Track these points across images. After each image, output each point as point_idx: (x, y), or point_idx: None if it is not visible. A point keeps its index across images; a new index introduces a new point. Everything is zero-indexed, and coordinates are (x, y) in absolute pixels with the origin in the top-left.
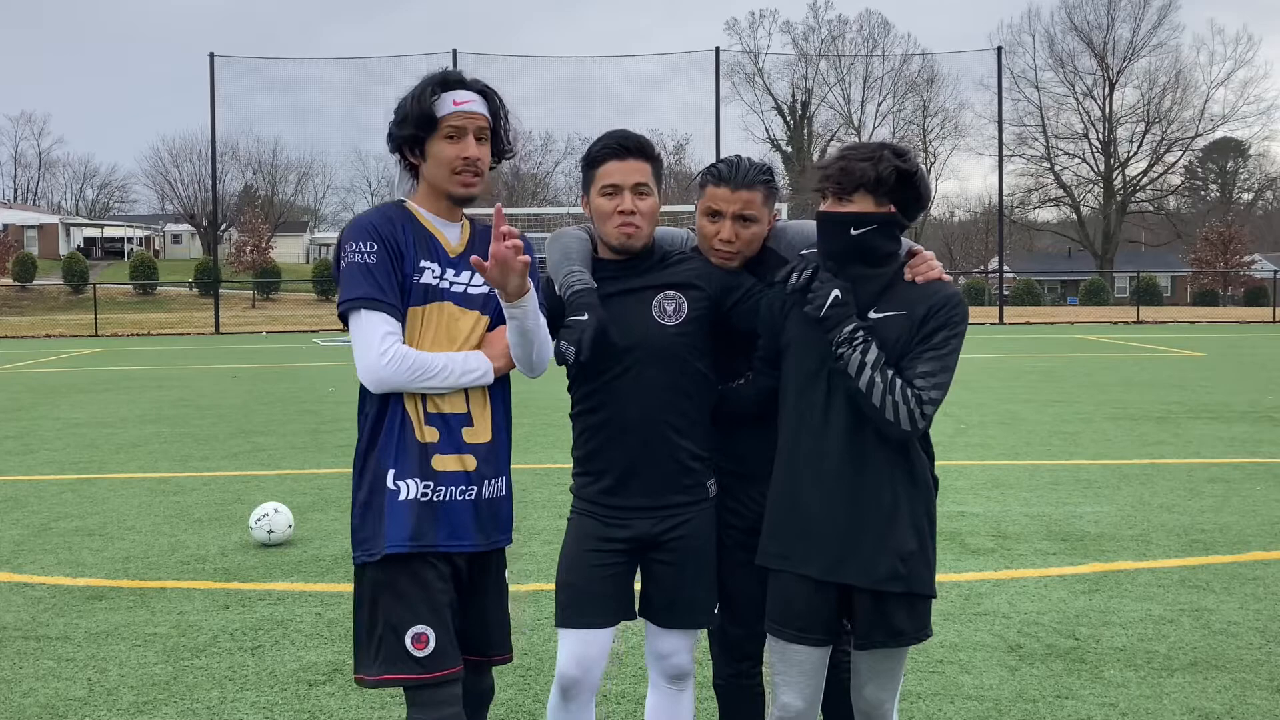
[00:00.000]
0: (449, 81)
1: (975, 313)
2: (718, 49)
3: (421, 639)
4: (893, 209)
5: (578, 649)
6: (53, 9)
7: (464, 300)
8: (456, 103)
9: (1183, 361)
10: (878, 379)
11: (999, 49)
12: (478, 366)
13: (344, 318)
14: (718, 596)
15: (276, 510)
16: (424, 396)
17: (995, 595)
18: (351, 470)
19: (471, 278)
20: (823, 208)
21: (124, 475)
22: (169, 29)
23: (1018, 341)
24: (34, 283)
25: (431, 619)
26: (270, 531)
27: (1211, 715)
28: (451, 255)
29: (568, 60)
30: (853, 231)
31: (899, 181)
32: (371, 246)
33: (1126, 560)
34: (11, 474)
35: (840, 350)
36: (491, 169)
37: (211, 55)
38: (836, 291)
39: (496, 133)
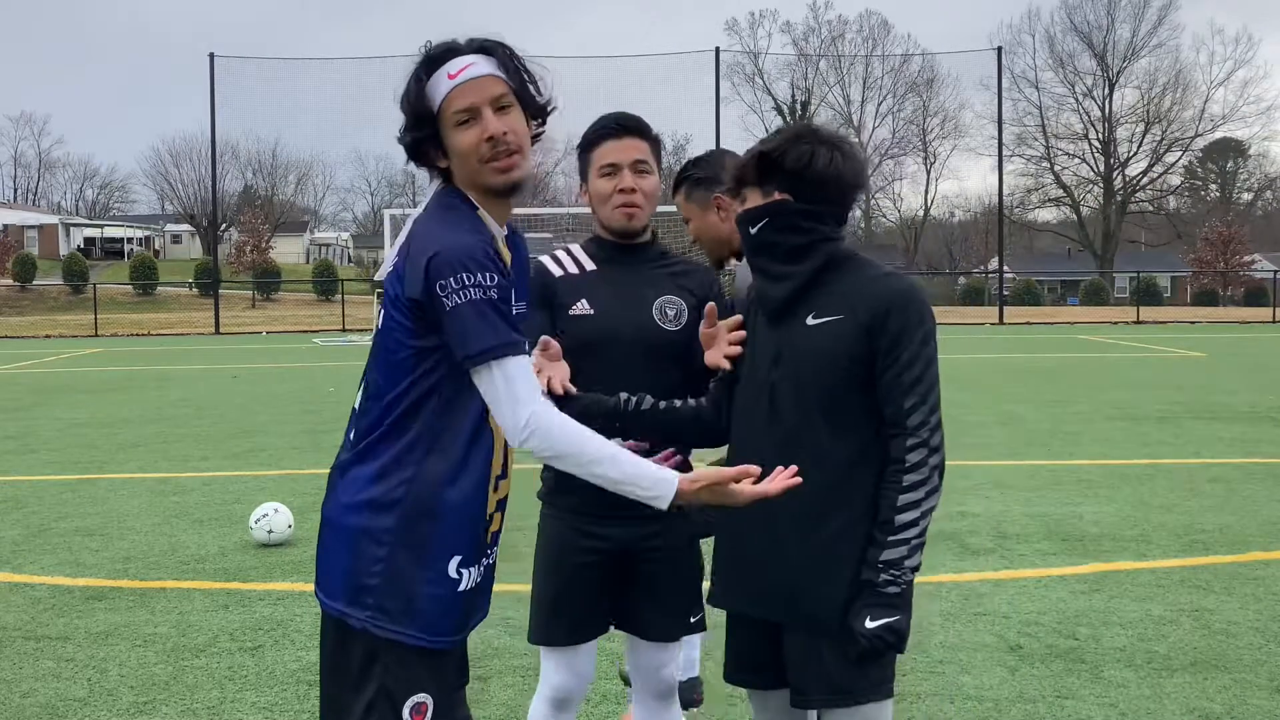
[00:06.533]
0: (434, 58)
1: (975, 313)
2: (717, 49)
3: (421, 709)
4: (779, 196)
5: (570, 662)
6: (53, 9)
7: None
8: (451, 75)
9: (1183, 361)
10: (920, 522)
11: (999, 49)
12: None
13: (473, 368)
14: (701, 605)
15: (276, 510)
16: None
17: (995, 595)
18: (367, 503)
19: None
20: None
21: (124, 475)
22: (169, 29)
23: (1018, 341)
24: (34, 283)
25: (434, 688)
26: (270, 531)
27: (1211, 715)
28: (509, 275)
29: (567, 60)
30: (751, 230)
31: (766, 166)
32: (493, 279)
33: (1126, 560)
34: (11, 474)
35: (900, 584)
36: (536, 138)
37: (211, 55)
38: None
39: (524, 94)
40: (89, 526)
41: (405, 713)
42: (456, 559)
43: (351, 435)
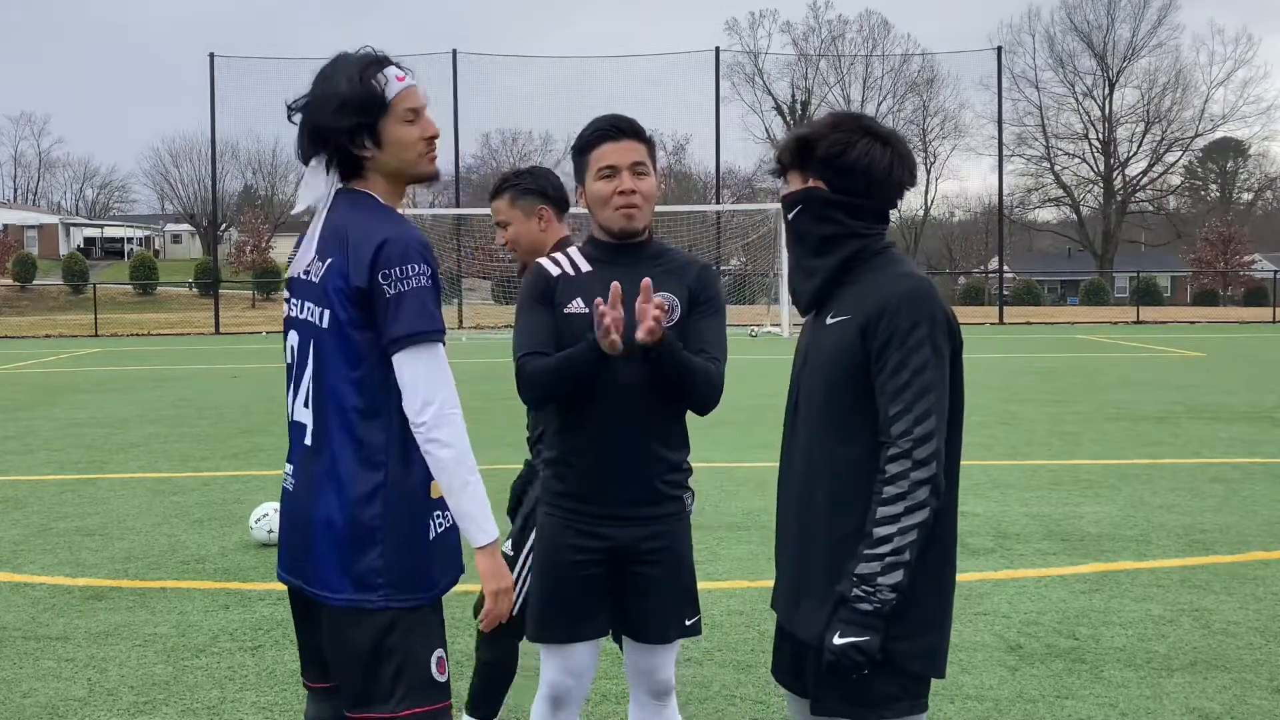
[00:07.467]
0: (383, 59)
1: (975, 313)
2: (717, 49)
3: (442, 663)
4: (813, 184)
5: (567, 661)
6: (53, 9)
7: None
8: (400, 78)
9: (1183, 361)
10: (897, 539)
11: (999, 49)
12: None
13: (406, 348)
14: (696, 608)
15: (276, 510)
16: None
17: (995, 595)
18: (355, 496)
19: None
20: None
21: (124, 475)
22: (169, 29)
23: (1018, 341)
24: (34, 283)
25: (443, 640)
26: (270, 531)
27: (1211, 715)
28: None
29: (568, 60)
30: (789, 217)
31: (804, 151)
32: (430, 270)
33: (1126, 560)
34: (11, 474)
35: (873, 602)
36: None
37: (211, 55)
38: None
39: None
40: (89, 526)
41: (433, 668)
42: (436, 513)
43: (308, 439)
